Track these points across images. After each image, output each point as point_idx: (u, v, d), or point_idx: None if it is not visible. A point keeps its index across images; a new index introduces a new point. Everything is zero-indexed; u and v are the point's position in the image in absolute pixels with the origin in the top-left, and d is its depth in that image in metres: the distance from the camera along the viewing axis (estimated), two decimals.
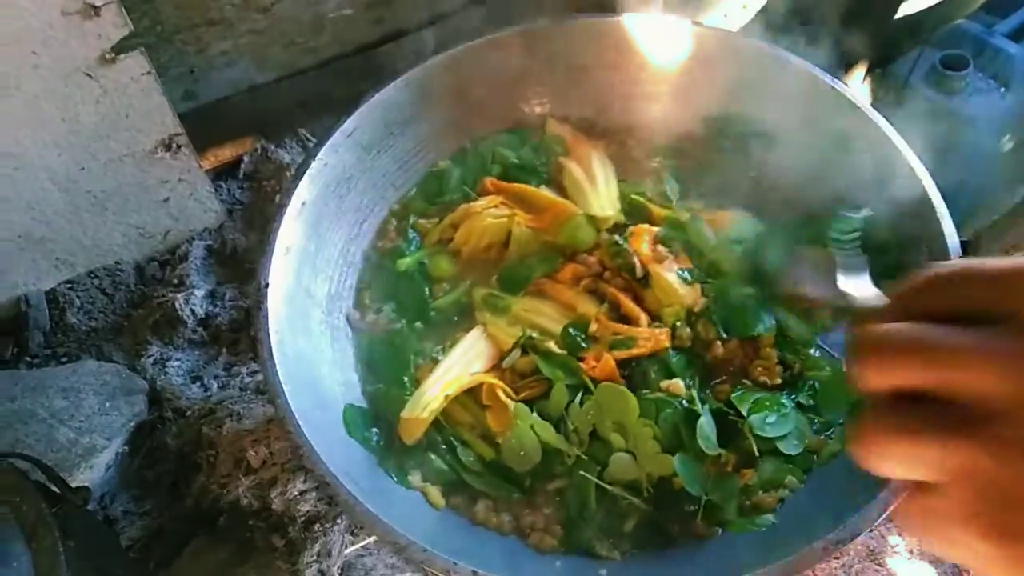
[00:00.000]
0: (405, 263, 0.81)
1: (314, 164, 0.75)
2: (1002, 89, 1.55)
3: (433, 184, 0.88)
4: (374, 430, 0.72)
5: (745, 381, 0.74)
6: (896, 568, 0.85)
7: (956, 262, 0.31)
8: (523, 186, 0.85)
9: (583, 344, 0.74)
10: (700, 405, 0.69)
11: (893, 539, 0.88)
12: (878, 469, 0.31)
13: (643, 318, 0.75)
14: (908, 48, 1.59)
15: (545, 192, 0.85)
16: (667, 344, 0.73)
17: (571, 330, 0.75)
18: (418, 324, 0.79)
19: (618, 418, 0.69)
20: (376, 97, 0.79)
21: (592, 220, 0.81)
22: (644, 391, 0.71)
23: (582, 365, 0.72)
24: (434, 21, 1.09)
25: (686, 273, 0.77)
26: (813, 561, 0.55)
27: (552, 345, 0.74)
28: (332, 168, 0.77)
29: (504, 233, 0.82)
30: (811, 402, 0.73)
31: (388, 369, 0.76)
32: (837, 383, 0.72)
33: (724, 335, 0.75)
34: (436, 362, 0.75)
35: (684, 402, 0.69)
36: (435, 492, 0.70)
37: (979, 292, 0.30)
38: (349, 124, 0.77)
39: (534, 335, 0.75)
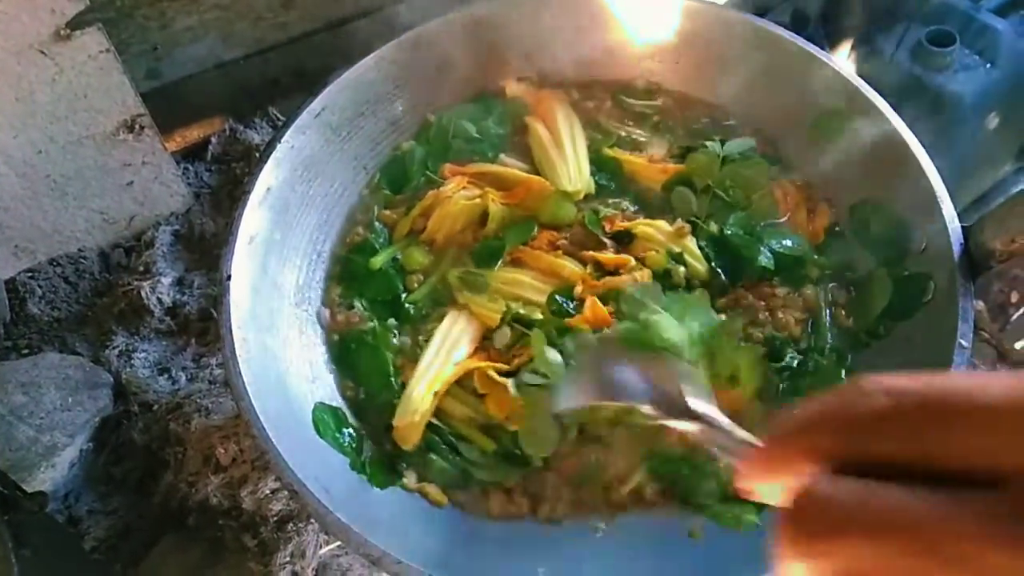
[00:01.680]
0: (379, 260, 0.77)
1: (280, 147, 0.71)
2: (988, 65, 1.53)
3: (397, 168, 0.84)
4: (347, 431, 0.69)
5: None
6: None
7: (920, 382, 0.24)
8: (483, 167, 0.82)
9: (571, 310, 0.71)
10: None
11: None
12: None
13: (631, 262, 0.73)
14: (894, 24, 1.56)
15: (510, 166, 0.82)
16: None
17: (557, 296, 0.72)
18: (392, 320, 0.75)
19: None
20: (345, 76, 0.75)
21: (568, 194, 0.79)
22: None
23: (573, 323, 0.69)
24: None
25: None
26: None
27: (539, 314, 0.71)
28: (299, 151, 0.73)
29: (478, 213, 0.79)
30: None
31: (368, 372, 0.72)
32: None
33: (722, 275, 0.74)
34: (417, 356, 0.72)
35: None
36: (434, 490, 0.67)
37: (970, 439, 0.23)
38: (316, 104, 0.73)
39: (518, 308, 0.72)
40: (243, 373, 0.60)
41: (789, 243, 0.74)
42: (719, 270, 0.74)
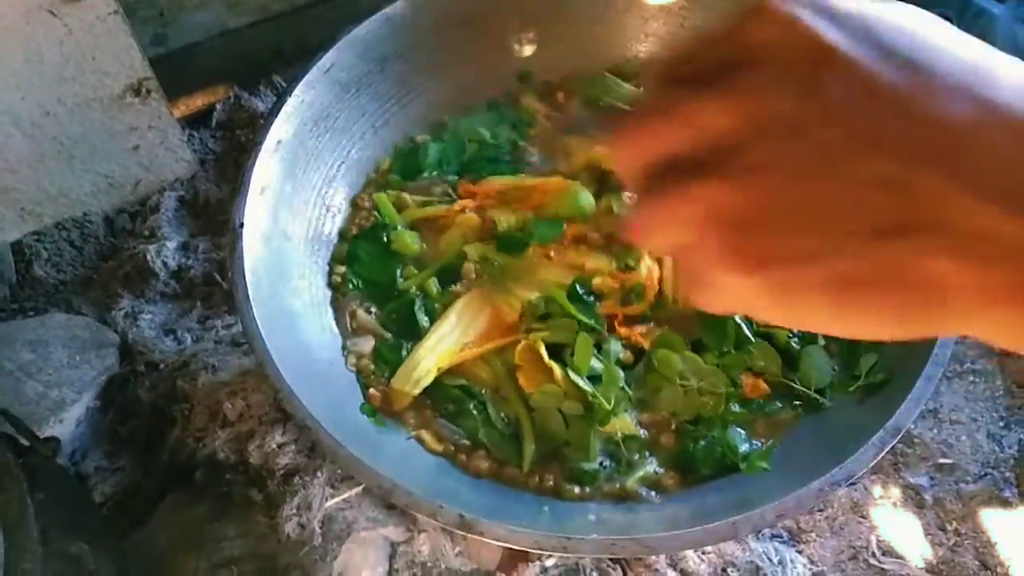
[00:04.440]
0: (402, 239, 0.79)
1: (290, 101, 0.72)
2: None
3: (410, 160, 0.84)
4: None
5: None
6: (880, 519, 0.85)
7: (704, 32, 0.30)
8: (497, 182, 0.81)
9: (590, 303, 0.72)
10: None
11: (877, 490, 0.87)
12: (650, 246, 0.33)
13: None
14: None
15: (522, 178, 0.82)
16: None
17: (578, 287, 0.72)
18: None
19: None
20: (354, 32, 0.76)
21: (592, 186, 0.79)
22: None
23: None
24: None
25: None
26: (807, 503, 0.54)
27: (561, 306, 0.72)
28: (309, 106, 0.74)
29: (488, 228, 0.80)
30: None
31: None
32: None
33: None
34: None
35: None
36: (430, 437, 0.68)
37: (721, 50, 0.29)
38: (326, 60, 0.74)
39: (538, 299, 0.73)
40: (256, 316, 0.61)
41: None
42: None
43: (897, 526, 0.82)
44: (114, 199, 0.98)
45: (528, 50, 0.86)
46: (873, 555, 0.78)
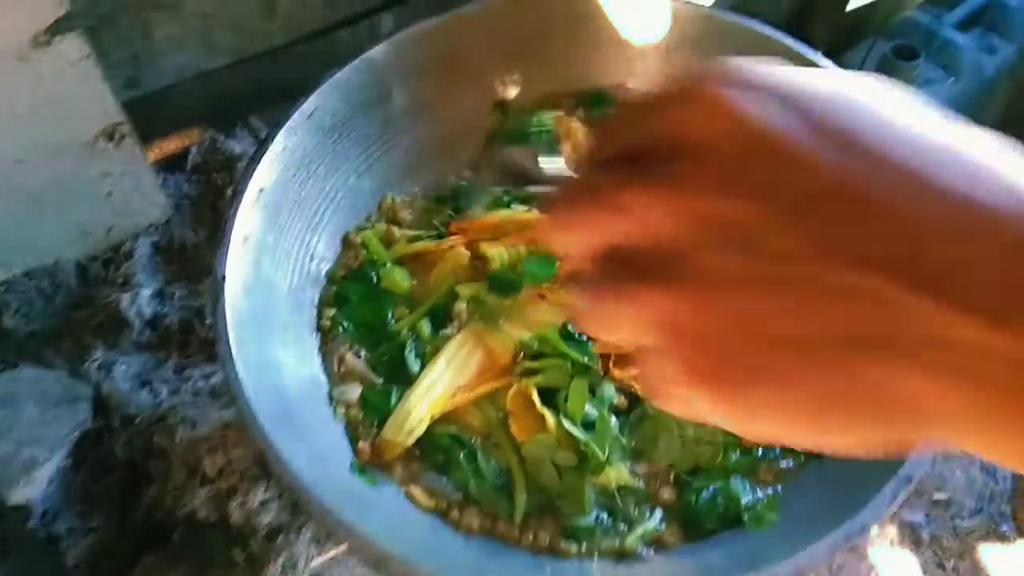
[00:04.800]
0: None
1: (272, 147, 0.70)
2: (952, 79, 1.58)
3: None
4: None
5: None
6: (878, 559, 0.84)
7: (635, 94, 0.29)
8: (488, 218, 0.80)
9: (584, 342, 0.70)
10: None
11: (874, 529, 0.86)
12: (601, 337, 0.31)
13: None
14: (860, 39, 1.60)
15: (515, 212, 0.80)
16: None
17: (570, 326, 0.70)
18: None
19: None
20: (337, 76, 0.74)
21: None
22: None
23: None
24: (390, 5, 1.05)
25: None
26: (821, 559, 0.52)
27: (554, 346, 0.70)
28: (291, 152, 0.72)
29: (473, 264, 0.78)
30: None
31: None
32: None
33: None
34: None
35: None
36: (420, 492, 0.66)
37: (651, 127, 0.27)
38: (308, 105, 0.73)
39: (533, 342, 0.71)
40: (240, 373, 0.59)
41: None
42: None
43: (896, 565, 0.82)
44: (86, 246, 0.95)
45: (512, 91, 0.85)
46: None
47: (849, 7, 1.47)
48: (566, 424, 0.64)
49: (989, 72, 1.55)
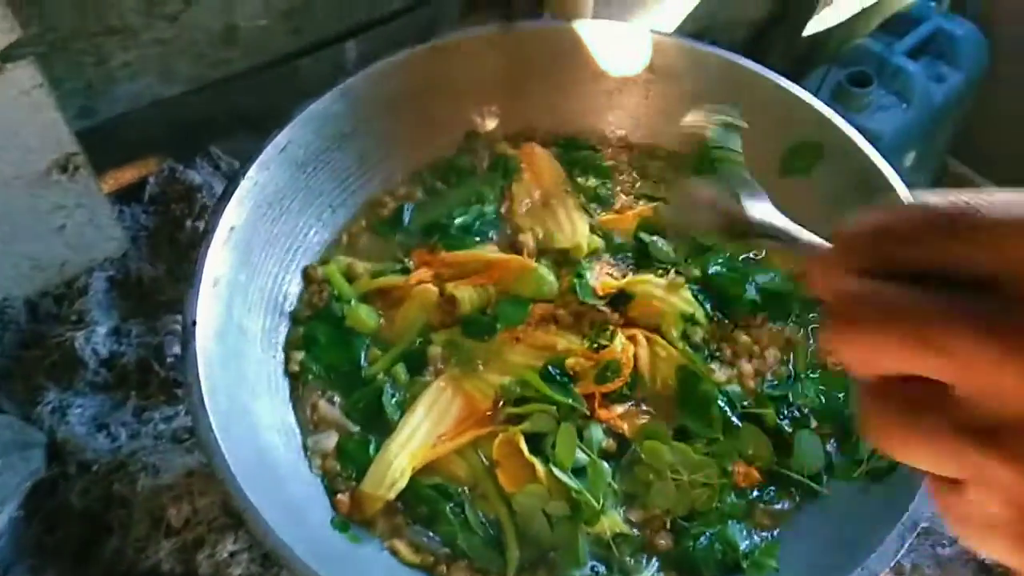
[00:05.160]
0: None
1: (243, 183, 0.67)
2: (904, 105, 1.61)
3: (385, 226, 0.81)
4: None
5: None
6: None
7: (938, 200, 0.25)
8: (454, 255, 0.78)
9: (566, 383, 0.69)
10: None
11: None
12: (904, 460, 0.27)
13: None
14: (814, 66, 1.63)
15: (486, 251, 0.78)
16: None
17: (551, 368, 0.69)
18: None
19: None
20: (311, 108, 0.71)
21: (553, 267, 0.76)
22: None
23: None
24: (355, 33, 1.03)
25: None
26: None
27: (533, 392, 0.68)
28: (262, 188, 0.69)
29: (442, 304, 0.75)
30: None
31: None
32: None
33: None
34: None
35: None
36: (405, 548, 0.63)
37: (970, 250, 0.24)
38: (281, 138, 0.70)
39: (514, 386, 0.69)
40: (214, 425, 0.56)
41: (772, 277, 0.74)
42: (717, 313, 0.74)
43: None
44: (37, 282, 0.91)
45: (491, 123, 0.83)
46: None
47: (804, 34, 1.50)
48: (556, 472, 0.62)
49: (938, 100, 1.59)
